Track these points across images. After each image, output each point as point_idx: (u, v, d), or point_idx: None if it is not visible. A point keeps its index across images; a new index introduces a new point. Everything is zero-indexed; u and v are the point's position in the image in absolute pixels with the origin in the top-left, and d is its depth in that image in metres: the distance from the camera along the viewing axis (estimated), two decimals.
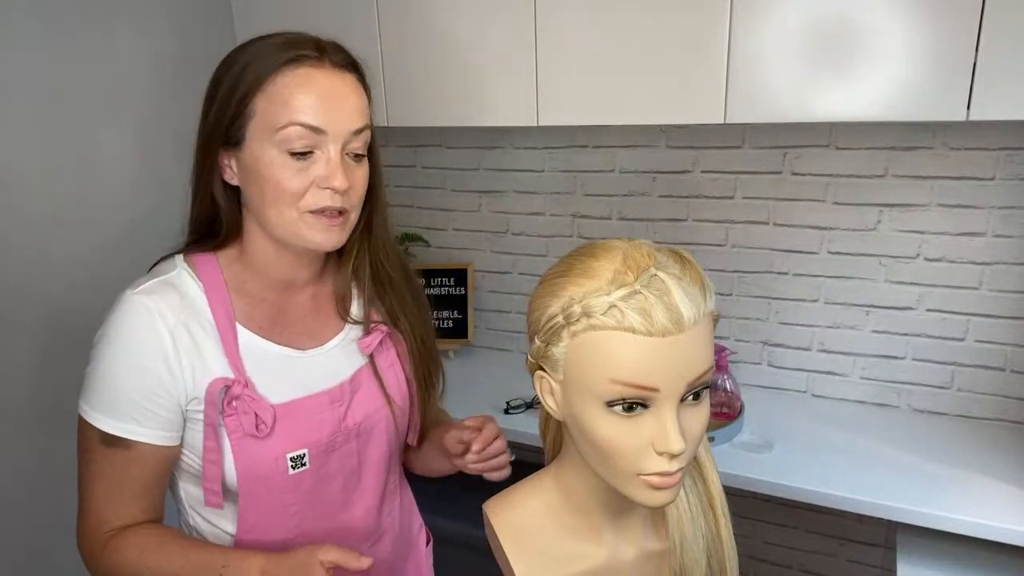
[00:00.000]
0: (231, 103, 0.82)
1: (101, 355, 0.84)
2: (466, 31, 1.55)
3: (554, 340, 0.68)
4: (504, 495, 0.82)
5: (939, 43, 1.19)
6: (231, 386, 0.85)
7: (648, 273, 0.64)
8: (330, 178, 0.82)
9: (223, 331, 0.86)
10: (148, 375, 0.83)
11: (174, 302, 0.85)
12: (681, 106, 1.39)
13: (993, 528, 1.25)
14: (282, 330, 0.92)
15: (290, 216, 0.84)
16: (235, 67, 0.83)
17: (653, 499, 0.68)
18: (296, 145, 0.81)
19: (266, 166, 0.82)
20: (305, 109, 0.81)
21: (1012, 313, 1.54)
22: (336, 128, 0.83)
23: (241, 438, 0.86)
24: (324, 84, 0.83)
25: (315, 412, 0.90)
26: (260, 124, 0.82)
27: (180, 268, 0.88)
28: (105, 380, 0.83)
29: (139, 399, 0.83)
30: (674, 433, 0.64)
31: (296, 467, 0.89)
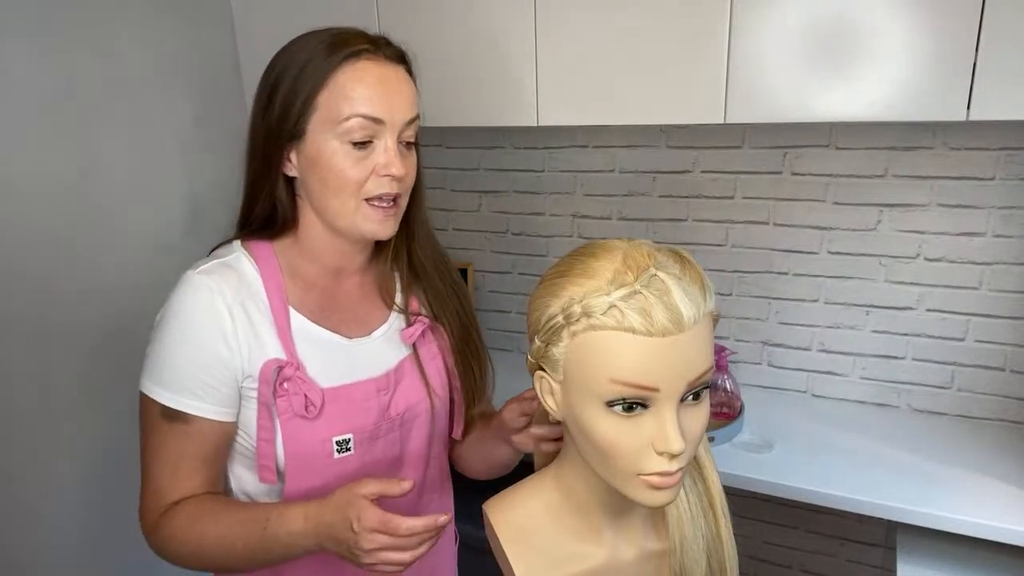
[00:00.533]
0: (296, 101, 0.86)
1: (163, 332, 0.87)
2: (466, 31, 1.54)
3: (554, 340, 0.68)
4: (504, 495, 0.82)
5: (939, 43, 1.19)
6: (283, 367, 0.88)
7: (648, 273, 0.64)
8: (389, 165, 0.87)
9: (277, 314, 0.90)
10: (208, 351, 0.86)
11: (233, 282, 0.88)
12: (681, 106, 1.39)
13: (993, 528, 1.25)
14: (331, 316, 0.95)
15: (350, 205, 0.88)
16: (293, 66, 0.87)
17: (653, 499, 0.68)
18: (357, 135, 0.85)
19: (329, 157, 0.86)
20: (365, 101, 0.85)
21: (1012, 313, 1.54)
22: (393, 118, 0.87)
23: (291, 419, 0.88)
24: (381, 76, 0.87)
25: (362, 399, 0.93)
26: (322, 117, 0.86)
27: (238, 252, 0.92)
28: (167, 356, 0.87)
29: (199, 374, 0.86)
30: (674, 433, 0.64)
31: (341, 451, 0.91)
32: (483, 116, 1.59)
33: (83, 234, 1.42)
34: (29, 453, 1.34)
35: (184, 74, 1.62)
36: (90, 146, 1.43)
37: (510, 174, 1.97)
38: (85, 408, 1.43)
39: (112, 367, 1.47)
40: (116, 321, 1.47)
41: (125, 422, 1.49)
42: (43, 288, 1.35)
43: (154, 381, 0.87)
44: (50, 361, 1.37)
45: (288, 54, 0.89)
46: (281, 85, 0.87)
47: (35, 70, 1.33)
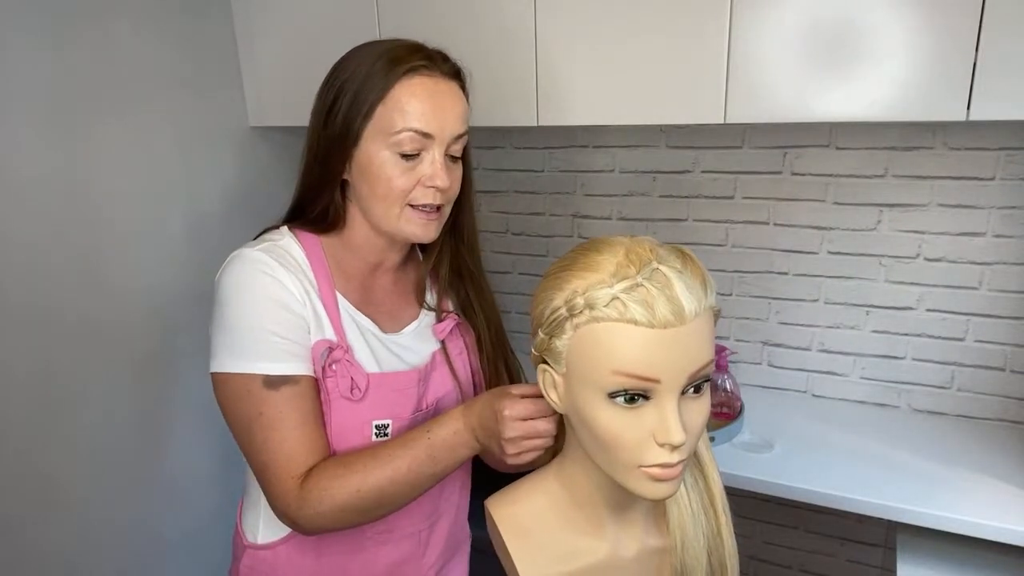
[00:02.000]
0: (360, 112, 0.90)
1: (234, 308, 0.89)
2: (466, 31, 1.55)
3: (557, 332, 0.69)
4: (506, 491, 0.83)
5: (939, 43, 1.19)
6: (334, 349, 0.92)
7: (650, 266, 0.65)
8: (434, 178, 0.91)
9: (326, 298, 0.94)
10: (289, 312, 0.89)
11: (288, 261, 0.92)
12: (681, 106, 1.39)
13: (993, 528, 1.25)
14: (368, 307, 0.99)
15: (394, 211, 0.92)
16: (354, 79, 0.91)
17: (654, 491, 0.68)
18: (407, 148, 0.89)
19: (379, 166, 0.90)
20: (418, 116, 0.89)
21: (1012, 313, 1.54)
22: (443, 133, 0.91)
23: (335, 399, 0.92)
24: (434, 92, 0.91)
25: (403, 387, 0.97)
26: (376, 128, 0.90)
27: (288, 237, 0.96)
28: (248, 328, 0.88)
29: (290, 334, 0.89)
30: (675, 424, 0.65)
31: (379, 435, 0.95)
32: (483, 116, 1.58)
33: (83, 234, 1.42)
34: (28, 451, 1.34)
35: (184, 74, 1.62)
36: (90, 146, 1.43)
37: (510, 174, 1.97)
38: (85, 406, 1.43)
39: (111, 366, 1.47)
40: (115, 319, 1.47)
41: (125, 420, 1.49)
42: (42, 287, 1.35)
43: (243, 356, 0.88)
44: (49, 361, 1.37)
45: (348, 66, 0.93)
46: (343, 97, 0.91)
47: (34, 70, 1.33)
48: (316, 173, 0.96)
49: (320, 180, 0.95)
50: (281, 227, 0.98)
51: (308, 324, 0.91)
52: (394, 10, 1.61)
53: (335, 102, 0.92)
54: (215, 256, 0.99)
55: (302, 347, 0.90)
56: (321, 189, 0.96)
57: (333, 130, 0.92)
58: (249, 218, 1.29)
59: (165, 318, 1.56)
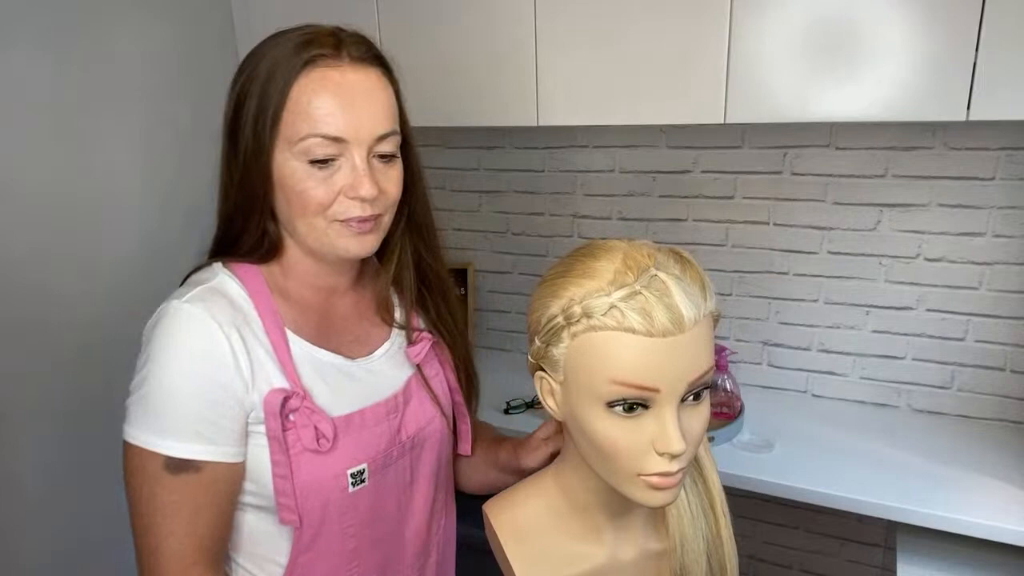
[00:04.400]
0: (266, 119, 0.77)
1: (155, 372, 0.76)
2: (466, 31, 1.54)
3: (554, 341, 0.68)
4: (504, 496, 0.82)
5: (939, 43, 1.19)
6: (289, 398, 0.79)
7: (648, 273, 0.65)
8: (356, 187, 0.77)
9: (275, 339, 0.81)
10: (214, 385, 0.77)
11: (225, 308, 0.79)
12: (681, 106, 1.39)
13: (993, 528, 1.25)
14: (330, 337, 0.87)
15: (319, 226, 0.80)
16: (259, 78, 0.78)
17: (654, 499, 0.68)
18: (317, 155, 0.77)
19: (289, 177, 0.78)
20: (323, 118, 0.76)
21: (1012, 313, 1.54)
22: (358, 134, 0.77)
23: (300, 453, 0.80)
24: (342, 85, 0.77)
25: (373, 424, 0.86)
26: (284, 136, 0.77)
27: (222, 275, 0.83)
28: (165, 398, 0.76)
29: (207, 413, 0.76)
30: (675, 433, 0.65)
31: (356, 483, 0.84)
32: (483, 116, 1.59)
33: (82, 234, 1.42)
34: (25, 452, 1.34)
35: (184, 74, 1.62)
36: (89, 146, 1.43)
37: (510, 174, 1.97)
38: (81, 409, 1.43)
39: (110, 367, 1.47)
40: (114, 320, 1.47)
41: None
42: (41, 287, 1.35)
43: (150, 430, 0.76)
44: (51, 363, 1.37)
45: (250, 65, 0.80)
46: (247, 102, 0.78)
47: (34, 70, 1.33)
48: (236, 199, 0.82)
49: (244, 206, 0.82)
50: (212, 264, 0.85)
51: (246, 394, 0.78)
52: (394, 10, 1.61)
53: (239, 110, 0.79)
54: None
55: (221, 427, 0.77)
56: (247, 217, 0.82)
57: (244, 144, 0.79)
58: None
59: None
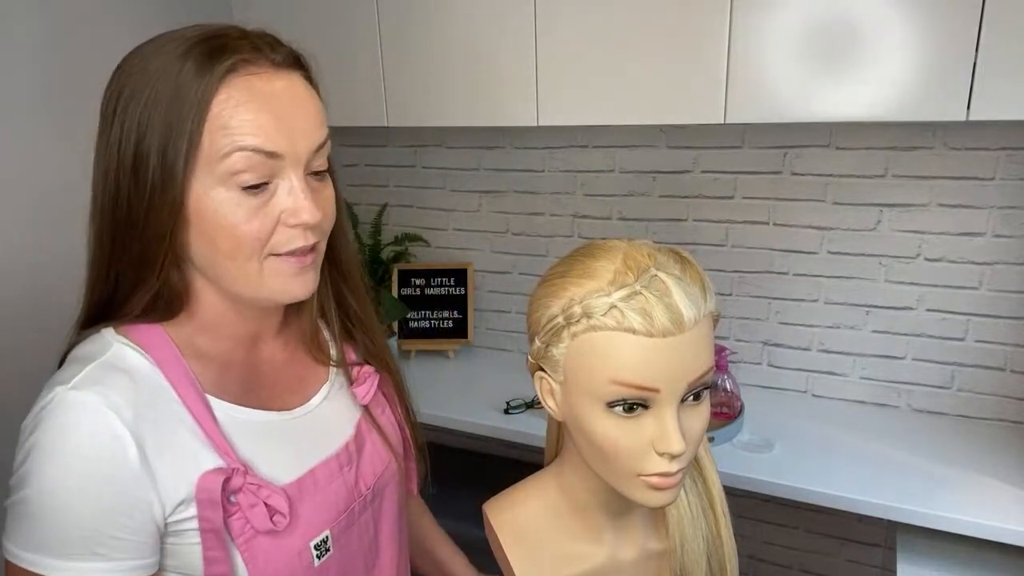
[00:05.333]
0: (179, 147, 0.62)
1: (39, 476, 0.62)
2: (466, 31, 1.55)
3: (554, 341, 0.68)
4: (504, 495, 0.82)
5: (939, 43, 1.19)
6: (230, 477, 0.66)
7: (648, 274, 0.65)
8: (299, 212, 0.65)
9: (196, 410, 0.67)
10: (113, 492, 0.62)
11: (126, 388, 0.64)
12: (681, 106, 1.39)
13: (993, 528, 1.25)
14: (259, 393, 0.75)
15: (251, 268, 0.66)
16: (156, 102, 0.63)
17: (654, 499, 0.68)
18: (249, 178, 0.63)
19: (213, 211, 0.64)
20: (255, 130, 0.63)
21: (1012, 313, 1.54)
22: (295, 148, 0.65)
23: (251, 539, 0.67)
24: (271, 94, 0.65)
25: (327, 483, 0.75)
26: (201, 162, 0.63)
27: (116, 344, 0.68)
28: (50, 510, 0.62)
29: (101, 527, 0.62)
30: (675, 434, 0.65)
31: (321, 555, 0.72)
32: (483, 116, 1.59)
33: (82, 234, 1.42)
34: None
35: None
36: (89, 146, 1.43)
37: (510, 174, 1.97)
38: None
39: None
40: None
41: None
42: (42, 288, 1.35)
43: (34, 546, 0.62)
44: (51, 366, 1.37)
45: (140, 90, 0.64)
46: (148, 135, 0.63)
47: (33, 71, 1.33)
48: (132, 255, 0.67)
49: (142, 256, 0.66)
50: (101, 331, 0.69)
51: (159, 495, 0.64)
52: (394, 10, 1.61)
53: (138, 142, 0.63)
54: None
55: (122, 541, 0.63)
56: (145, 268, 0.67)
57: (146, 180, 0.63)
58: None
59: None
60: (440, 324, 2.03)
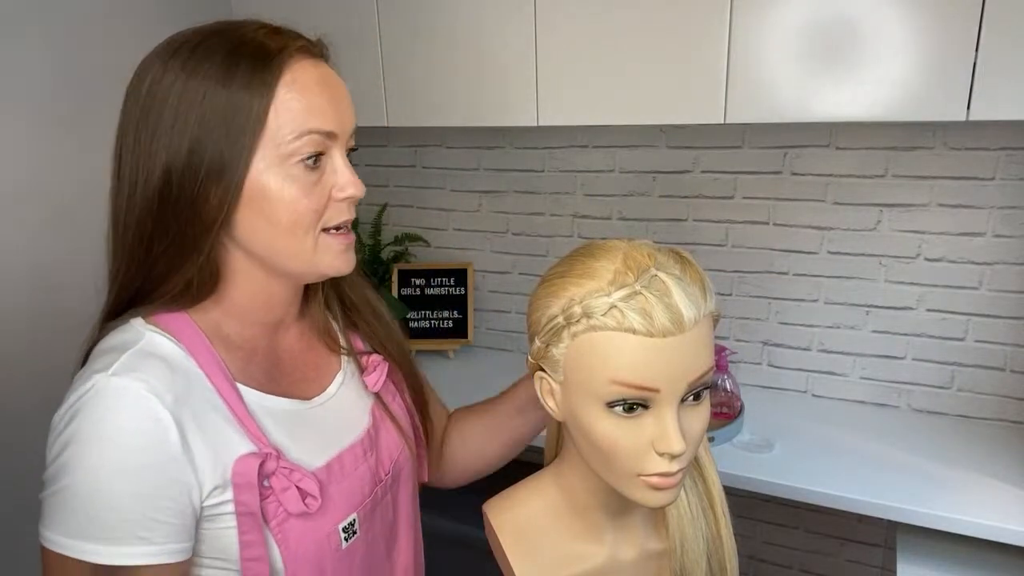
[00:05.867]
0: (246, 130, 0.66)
1: (80, 463, 0.63)
2: (466, 31, 1.54)
3: (554, 341, 0.68)
4: (504, 495, 0.82)
5: (939, 43, 1.19)
6: (264, 461, 0.68)
7: (648, 274, 0.65)
8: (347, 186, 0.71)
9: (227, 396, 0.70)
10: (154, 476, 0.64)
11: (164, 374, 0.66)
12: (681, 106, 1.39)
13: (993, 528, 1.25)
14: (280, 381, 0.77)
15: (308, 243, 0.70)
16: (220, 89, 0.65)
17: (653, 499, 0.68)
18: (309, 157, 0.68)
19: (277, 189, 0.68)
20: (317, 112, 0.68)
21: (1012, 313, 1.54)
22: (344, 128, 0.71)
23: (283, 522, 0.70)
24: (324, 77, 0.70)
25: (354, 468, 0.78)
26: (264, 141, 0.67)
27: (148, 332, 0.69)
28: (93, 496, 0.63)
29: (144, 510, 0.64)
30: (675, 434, 0.65)
31: (349, 537, 0.75)
32: (483, 116, 1.59)
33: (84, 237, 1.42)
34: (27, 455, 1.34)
35: None
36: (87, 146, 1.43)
37: (510, 174, 1.97)
38: None
39: None
40: None
41: None
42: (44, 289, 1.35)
43: (76, 533, 0.63)
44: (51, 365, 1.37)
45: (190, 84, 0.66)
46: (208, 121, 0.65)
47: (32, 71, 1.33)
48: (177, 239, 0.68)
49: (185, 245, 0.68)
50: (130, 321, 0.71)
51: (198, 479, 0.67)
52: (394, 10, 1.61)
53: (197, 132, 0.65)
54: None
55: (163, 524, 0.65)
56: (185, 256, 0.69)
57: (199, 169, 0.66)
58: None
59: None
60: (440, 324, 2.03)
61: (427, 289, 2.04)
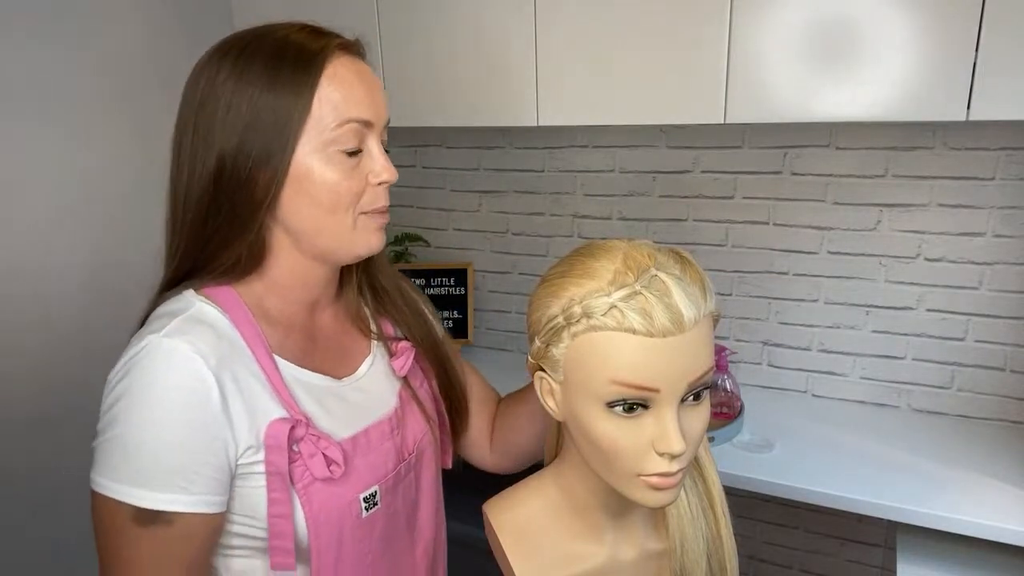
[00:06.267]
0: (293, 117, 0.73)
1: (130, 415, 0.70)
2: (466, 31, 1.54)
3: (554, 341, 0.68)
4: (504, 496, 0.82)
5: (939, 43, 1.19)
6: (294, 427, 0.74)
7: (648, 274, 0.65)
8: (382, 172, 0.78)
9: (265, 365, 0.76)
10: (196, 430, 0.71)
11: (210, 339, 0.73)
12: (681, 106, 1.39)
13: (993, 528, 1.25)
14: (315, 357, 0.83)
15: (347, 222, 0.77)
16: (270, 80, 0.73)
17: (654, 499, 0.68)
18: (349, 143, 0.75)
19: (320, 173, 0.75)
20: (356, 102, 0.75)
21: (1012, 313, 1.54)
22: (380, 119, 0.79)
23: (308, 485, 0.75)
24: (362, 72, 0.78)
25: (380, 443, 0.83)
26: (309, 129, 0.74)
27: (198, 302, 0.76)
28: (139, 444, 0.70)
29: (185, 461, 0.70)
30: (675, 434, 0.65)
31: (369, 507, 0.80)
32: (483, 116, 1.59)
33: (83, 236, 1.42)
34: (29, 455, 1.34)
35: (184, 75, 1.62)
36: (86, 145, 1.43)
37: (510, 174, 1.97)
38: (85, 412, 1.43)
39: None
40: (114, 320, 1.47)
41: None
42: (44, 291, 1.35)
43: (120, 479, 0.70)
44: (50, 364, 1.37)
45: (244, 77, 0.73)
46: (257, 107, 0.73)
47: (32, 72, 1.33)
48: (230, 217, 0.75)
49: (237, 223, 0.76)
50: (182, 292, 0.78)
51: (234, 436, 0.73)
52: (394, 10, 1.61)
53: (249, 119, 0.73)
54: None
55: (200, 476, 0.71)
56: (237, 233, 0.76)
57: (249, 154, 0.73)
58: None
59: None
60: None
61: (427, 289, 2.04)
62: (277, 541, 0.75)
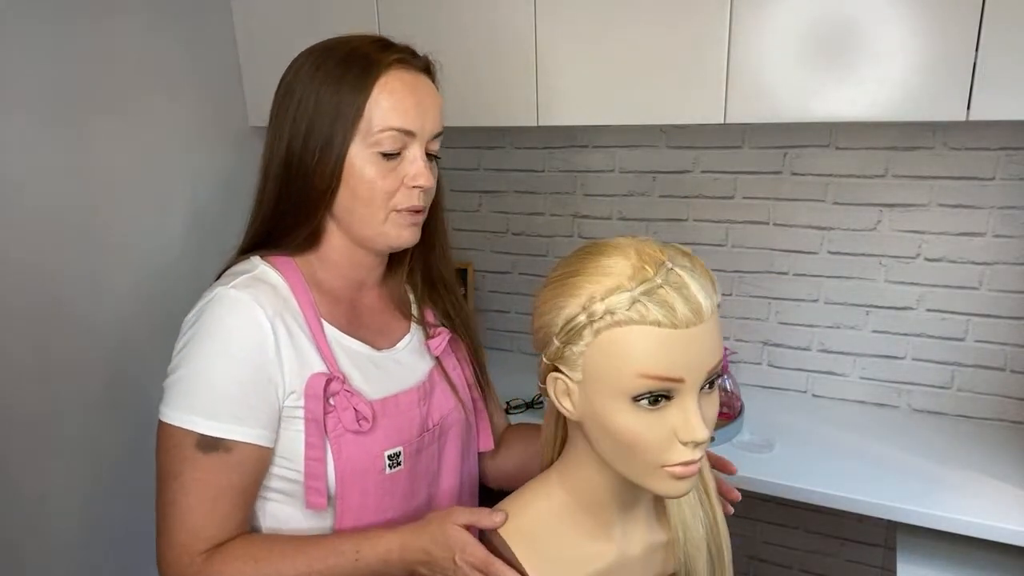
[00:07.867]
0: (346, 119, 0.84)
1: (196, 353, 0.82)
2: (466, 31, 1.54)
3: (574, 340, 0.69)
4: (508, 501, 0.82)
5: (939, 43, 1.19)
6: (331, 381, 0.85)
7: (664, 267, 0.67)
8: (417, 177, 0.87)
9: (312, 326, 0.88)
10: (252, 369, 0.82)
11: (269, 295, 0.85)
12: (681, 106, 1.39)
13: (993, 528, 1.25)
14: (358, 328, 0.93)
15: (379, 216, 0.87)
16: (329, 83, 0.84)
17: (676, 489, 0.70)
18: (387, 147, 0.85)
19: (360, 168, 0.85)
20: (401, 113, 0.85)
21: (1012, 313, 1.54)
22: (423, 130, 0.87)
23: (340, 436, 0.85)
24: (415, 86, 0.87)
25: (407, 408, 0.92)
26: (360, 130, 0.85)
27: (262, 266, 0.89)
28: (203, 379, 0.81)
29: (242, 396, 0.81)
30: (699, 422, 0.67)
31: (392, 466, 0.89)
32: (483, 116, 1.59)
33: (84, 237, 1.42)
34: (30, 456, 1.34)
35: (184, 73, 1.62)
36: (89, 145, 1.43)
37: (510, 174, 1.97)
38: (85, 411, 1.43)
39: (109, 365, 1.46)
40: (117, 323, 1.47)
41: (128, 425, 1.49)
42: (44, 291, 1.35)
43: (186, 409, 0.81)
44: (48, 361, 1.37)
45: (314, 75, 0.86)
46: (321, 106, 0.84)
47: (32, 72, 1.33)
48: (298, 202, 0.88)
49: (303, 207, 0.88)
50: (251, 257, 0.91)
51: (283, 378, 0.84)
52: (394, 10, 1.60)
53: (313, 120, 0.85)
54: (215, 256, 0.97)
55: (256, 410, 0.82)
56: (304, 216, 0.88)
57: (314, 150, 0.85)
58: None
59: (163, 318, 1.56)
60: None
61: None
62: (312, 482, 0.85)
